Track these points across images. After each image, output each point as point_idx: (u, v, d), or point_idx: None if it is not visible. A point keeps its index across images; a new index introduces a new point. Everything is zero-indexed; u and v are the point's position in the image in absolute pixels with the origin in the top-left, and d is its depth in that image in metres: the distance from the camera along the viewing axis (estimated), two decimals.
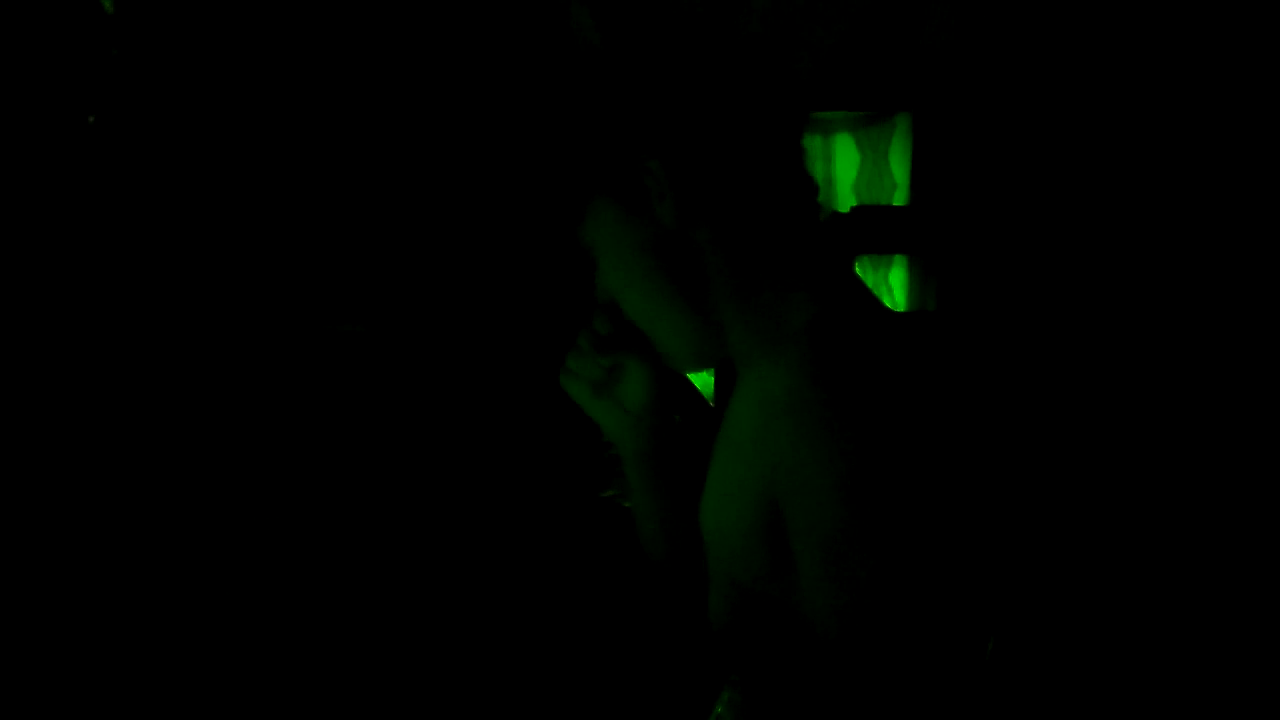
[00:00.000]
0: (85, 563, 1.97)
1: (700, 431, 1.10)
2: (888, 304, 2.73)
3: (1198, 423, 2.25)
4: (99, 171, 1.99)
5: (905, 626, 0.86)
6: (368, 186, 2.16)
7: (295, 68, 2.10)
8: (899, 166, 2.69)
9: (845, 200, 2.72)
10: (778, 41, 0.95)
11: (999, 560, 0.94)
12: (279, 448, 2.11)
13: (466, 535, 2.21)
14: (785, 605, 0.93)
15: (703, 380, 2.60)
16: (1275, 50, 2.21)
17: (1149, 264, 2.31)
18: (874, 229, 2.57)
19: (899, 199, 2.69)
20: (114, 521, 2.00)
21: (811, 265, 0.99)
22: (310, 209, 2.12)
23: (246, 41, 2.06)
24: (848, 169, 2.75)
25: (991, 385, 2.35)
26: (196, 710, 2.01)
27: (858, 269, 2.71)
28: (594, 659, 2.25)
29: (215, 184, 2.07)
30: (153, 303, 2.03)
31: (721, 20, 0.96)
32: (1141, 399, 2.30)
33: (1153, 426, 2.28)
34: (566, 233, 1.02)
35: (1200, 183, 2.27)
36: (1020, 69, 2.39)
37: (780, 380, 0.94)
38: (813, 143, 2.41)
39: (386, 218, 2.17)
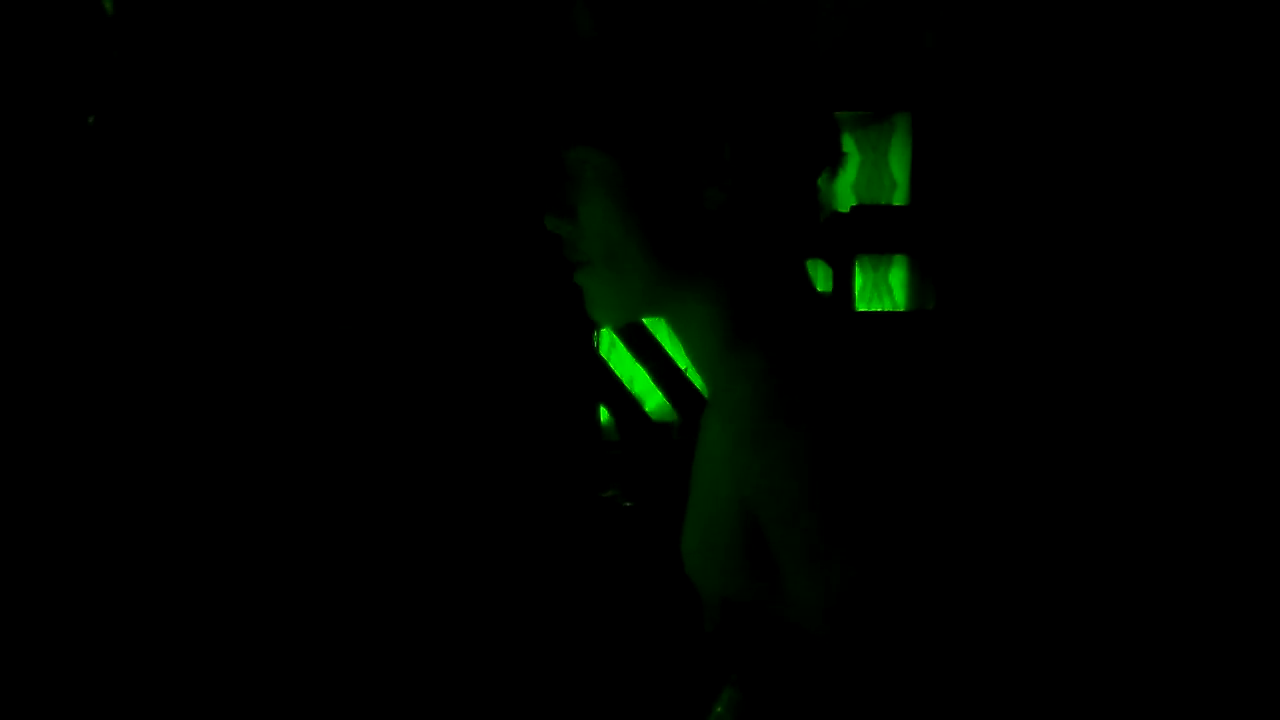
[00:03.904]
0: (85, 563, 1.97)
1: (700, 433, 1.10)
2: (888, 304, 2.73)
3: (1197, 422, 2.25)
4: (99, 171, 1.99)
5: (888, 619, 0.87)
6: (366, 186, 2.15)
7: (294, 67, 2.10)
8: (898, 166, 2.69)
9: (845, 200, 2.72)
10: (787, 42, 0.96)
11: (989, 557, 0.94)
12: (279, 447, 2.10)
13: (467, 535, 2.21)
14: (773, 614, 0.94)
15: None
16: (1274, 50, 2.21)
17: (1148, 263, 2.31)
18: (873, 229, 2.57)
19: (898, 199, 2.69)
20: (114, 521, 1.99)
21: (787, 264, 1.00)
22: (309, 209, 2.12)
23: (246, 41, 2.06)
24: (847, 169, 2.75)
25: (981, 383, 2.35)
26: (197, 710, 2.01)
27: (858, 269, 2.71)
28: (595, 658, 2.25)
29: (215, 184, 2.07)
30: (153, 303, 2.03)
31: (746, 22, 0.97)
32: (1141, 398, 2.30)
33: (1152, 425, 2.28)
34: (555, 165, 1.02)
35: (1199, 182, 2.27)
36: (1019, 69, 2.39)
37: (741, 390, 0.95)
38: None
39: (385, 217, 2.17)
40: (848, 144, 2.76)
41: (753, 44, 0.97)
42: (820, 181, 1.01)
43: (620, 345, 2.60)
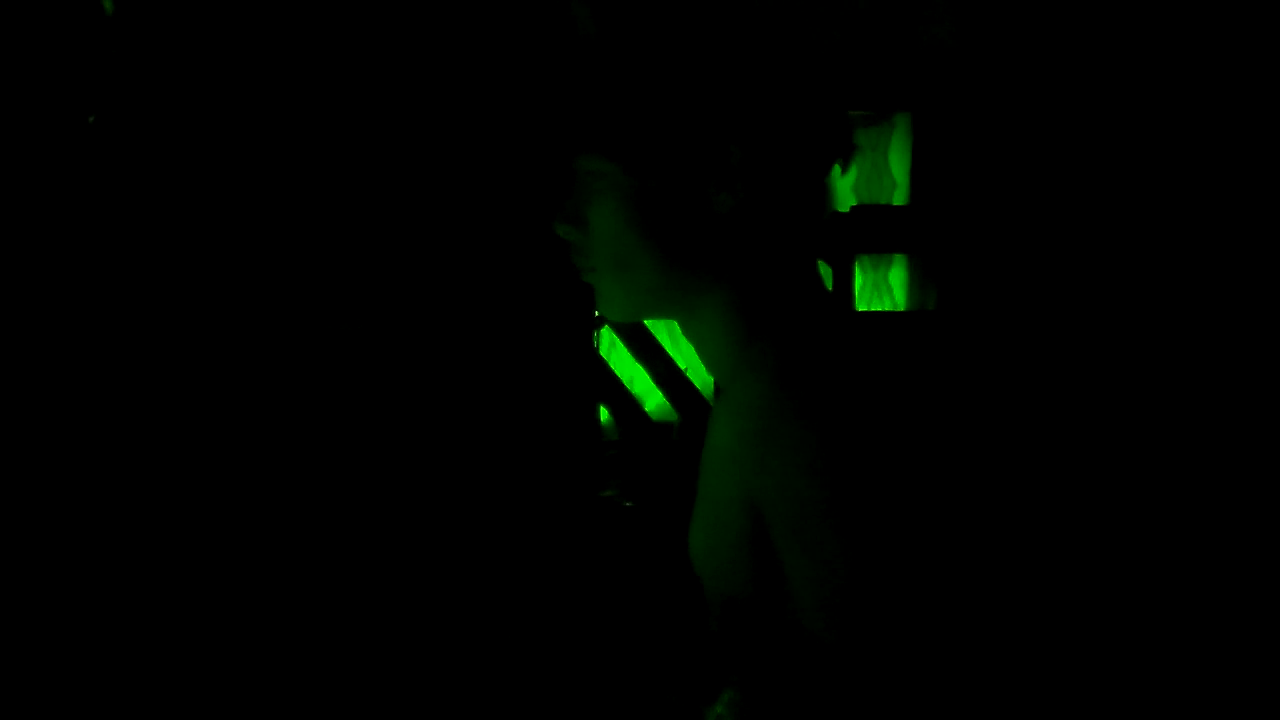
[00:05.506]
0: (85, 563, 1.97)
1: (700, 433, 1.10)
2: (888, 304, 2.73)
3: (1197, 421, 2.25)
4: (99, 171, 1.99)
5: (892, 620, 0.87)
6: (367, 188, 2.16)
7: (297, 68, 2.10)
8: (898, 166, 2.69)
9: (845, 200, 2.72)
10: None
11: (992, 557, 0.94)
12: (279, 447, 2.11)
13: (466, 535, 2.21)
14: (777, 614, 0.94)
15: (703, 380, 2.60)
16: (1274, 50, 2.21)
17: (1148, 263, 2.31)
18: (873, 229, 2.57)
19: (898, 199, 2.70)
20: (114, 521, 2.00)
21: (798, 263, 1.01)
22: (310, 211, 2.12)
23: (246, 42, 2.06)
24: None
25: (981, 383, 2.36)
26: (197, 710, 2.01)
27: (858, 269, 2.71)
28: (595, 658, 2.25)
29: (215, 184, 2.07)
30: (153, 303, 2.03)
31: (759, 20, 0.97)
32: (1141, 397, 2.30)
33: (1152, 424, 2.28)
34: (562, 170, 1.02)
35: (1200, 182, 2.28)
36: (1020, 69, 2.39)
37: (750, 388, 0.95)
38: None
39: (387, 219, 2.17)
40: None
41: (756, 44, 0.97)
42: (831, 176, 1.02)
43: (620, 345, 2.60)
